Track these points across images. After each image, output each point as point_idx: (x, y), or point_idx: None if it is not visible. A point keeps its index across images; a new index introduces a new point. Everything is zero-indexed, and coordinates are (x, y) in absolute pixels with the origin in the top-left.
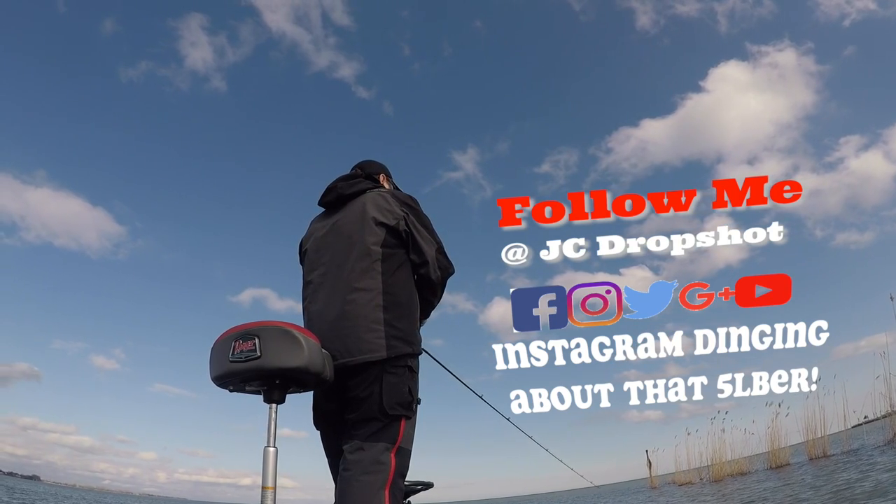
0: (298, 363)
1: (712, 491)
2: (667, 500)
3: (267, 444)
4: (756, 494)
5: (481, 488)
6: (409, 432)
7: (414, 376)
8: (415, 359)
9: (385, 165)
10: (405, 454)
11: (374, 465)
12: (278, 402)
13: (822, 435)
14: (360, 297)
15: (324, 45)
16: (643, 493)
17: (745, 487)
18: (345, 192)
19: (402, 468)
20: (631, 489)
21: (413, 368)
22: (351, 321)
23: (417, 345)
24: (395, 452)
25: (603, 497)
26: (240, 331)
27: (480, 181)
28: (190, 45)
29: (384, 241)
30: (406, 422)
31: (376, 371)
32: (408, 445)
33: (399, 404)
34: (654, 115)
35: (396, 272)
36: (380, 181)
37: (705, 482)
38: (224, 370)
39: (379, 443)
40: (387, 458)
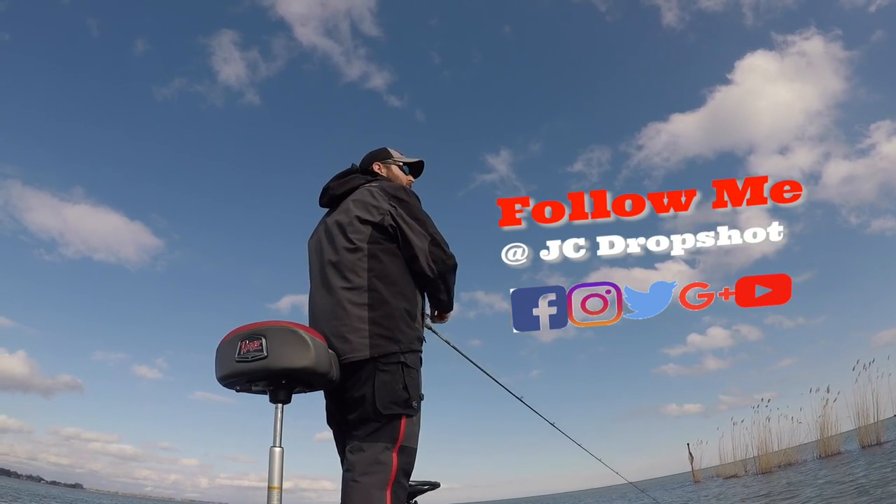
0: (305, 363)
1: (759, 483)
2: None
3: (273, 445)
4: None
5: (520, 486)
6: (411, 430)
7: (411, 373)
8: (412, 355)
9: (385, 148)
10: (408, 453)
11: (374, 465)
12: (284, 403)
13: (875, 421)
14: (346, 297)
15: (354, 56)
16: (686, 488)
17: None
18: (336, 192)
19: (405, 467)
20: (670, 484)
21: (409, 365)
22: (339, 321)
23: (410, 342)
24: (396, 452)
25: (634, 495)
26: (246, 331)
27: (514, 182)
28: (222, 60)
29: (370, 237)
30: (407, 420)
31: (368, 370)
32: (411, 444)
33: (394, 403)
34: (683, 109)
35: (385, 269)
36: (375, 171)
37: (751, 474)
38: (230, 370)
39: (378, 443)
40: (387, 457)
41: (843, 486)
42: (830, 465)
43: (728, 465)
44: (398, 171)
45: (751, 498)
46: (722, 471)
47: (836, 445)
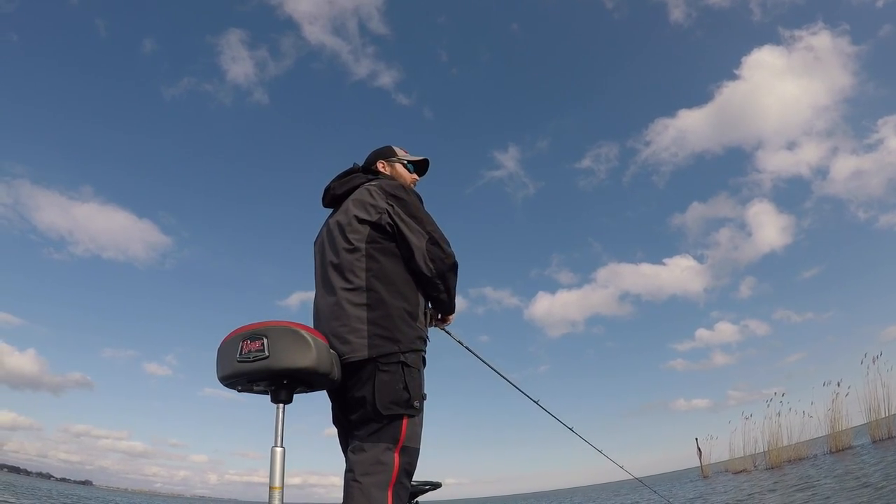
0: (307, 363)
1: (768, 477)
2: None
3: (274, 444)
4: None
5: (530, 482)
6: (413, 431)
7: (413, 372)
8: (413, 355)
9: (389, 146)
10: (410, 453)
11: (375, 465)
12: (286, 403)
13: (887, 415)
14: (346, 297)
15: (362, 55)
16: (692, 484)
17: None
18: (337, 192)
19: (407, 467)
20: (678, 480)
21: (409, 365)
22: (339, 321)
23: (410, 342)
24: (398, 452)
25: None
26: (247, 330)
27: (523, 178)
28: (231, 59)
29: (368, 237)
30: (409, 420)
31: (368, 370)
32: (413, 444)
33: (395, 403)
34: (690, 105)
35: (383, 269)
36: (379, 169)
37: (761, 469)
38: (231, 370)
39: (380, 443)
40: (389, 458)
41: (856, 480)
42: (841, 460)
43: (737, 461)
44: (402, 170)
45: (757, 493)
46: (731, 466)
47: (847, 440)
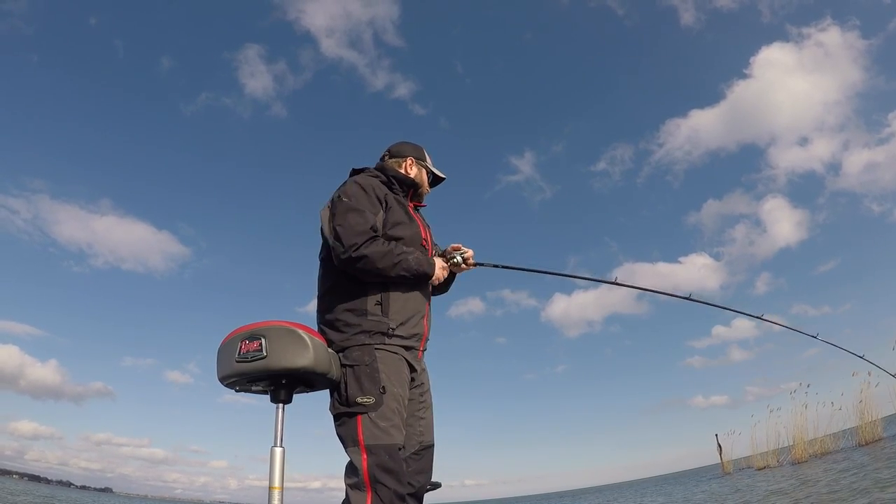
0: (304, 363)
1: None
2: None
3: (274, 445)
4: None
5: (551, 481)
6: (372, 428)
7: (357, 370)
8: (357, 350)
9: (390, 148)
10: (377, 451)
11: (350, 468)
12: (285, 403)
13: None
14: (317, 307)
15: (378, 67)
16: (716, 480)
17: None
18: None
19: (380, 465)
20: (698, 476)
21: (350, 364)
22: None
23: (350, 338)
24: (364, 452)
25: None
26: (246, 331)
27: (539, 182)
28: (249, 74)
29: (322, 246)
30: (363, 417)
31: None
32: (379, 441)
33: (340, 403)
34: (701, 104)
35: (329, 273)
36: (384, 159)
37: (785, 464)
38: (230, 370)
39: (347, 447)
40: (357, 460)
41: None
42: (870, 453)
43: (759, 456)
44: (409, 163)
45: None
46: (753, 462)
47: (877, 431)
